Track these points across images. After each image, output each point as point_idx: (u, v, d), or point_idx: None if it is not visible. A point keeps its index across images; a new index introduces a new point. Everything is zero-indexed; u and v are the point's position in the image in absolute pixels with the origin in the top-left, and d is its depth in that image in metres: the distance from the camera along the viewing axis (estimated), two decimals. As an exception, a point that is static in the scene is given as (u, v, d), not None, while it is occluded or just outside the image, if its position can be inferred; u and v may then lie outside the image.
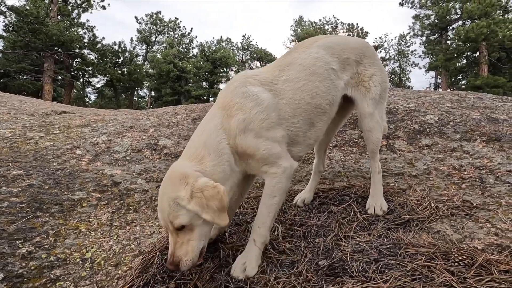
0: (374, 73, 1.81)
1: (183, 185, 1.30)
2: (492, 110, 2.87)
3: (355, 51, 1.80)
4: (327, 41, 1.76)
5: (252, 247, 1.53)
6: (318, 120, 1.67)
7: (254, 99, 1.47)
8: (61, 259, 1.57)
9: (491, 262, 1.33)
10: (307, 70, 1.62)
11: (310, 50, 1.69)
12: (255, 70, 1.67)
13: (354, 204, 2.05)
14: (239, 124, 1.43)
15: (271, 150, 1.47)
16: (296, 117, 1.58)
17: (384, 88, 1.88)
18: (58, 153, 2.52)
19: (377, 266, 1.41)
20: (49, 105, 5.54)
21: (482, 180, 1.98)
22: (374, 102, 1.80)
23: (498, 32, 20.23)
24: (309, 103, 1.60)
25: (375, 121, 1.83)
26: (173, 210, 1.29)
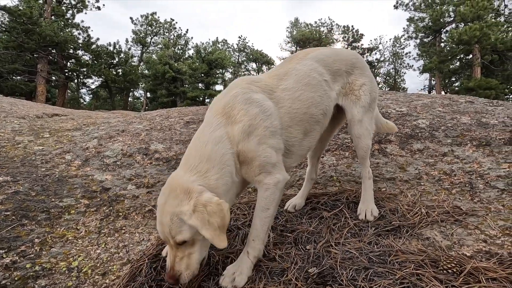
0: (364, 82, 1.87)
1: (186, 200, 1.28)
2: (482, 114, 2.90)
3: (346, 62, 1.86)
4: (319, 53, 1.82)
5: (245, 259, 1.51)
6: (312, 130, 1.71)
7: (258, 106, 1.49)
8: (47, 269, 1.53)
9: (479, 269, 1.33)
10: (302, 80, 1.66)
11: (304, 61, 1.74)
12: (253, 76, 1.69)
13: (345, 210, 2.05)
14: (244, 130, 1.44)
15: (270, 158, 1.48)
16: (293, 126, 1.62)
17: (374, 98, 1.93)
18: (47, 158, 2.48)
19: (367, 274, 1.41)
20: (41, 107, 5.48)
21: (472, 185, 1.99)
22: (363, 110, 1.85)
23: (491, 35, 20.53)
24: (305, 113, 1.64)
25: (364, 128, 1.86)
26: (175, 225, 1.27)
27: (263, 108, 1.50)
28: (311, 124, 1.68)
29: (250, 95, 1.51)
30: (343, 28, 35.82)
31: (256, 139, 1.45)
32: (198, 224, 1.23)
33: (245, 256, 1.51)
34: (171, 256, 1.33)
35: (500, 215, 1.66)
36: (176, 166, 2.58)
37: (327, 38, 34.11)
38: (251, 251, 1.52)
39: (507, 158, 2.17)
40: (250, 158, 1.46)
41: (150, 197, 2.20)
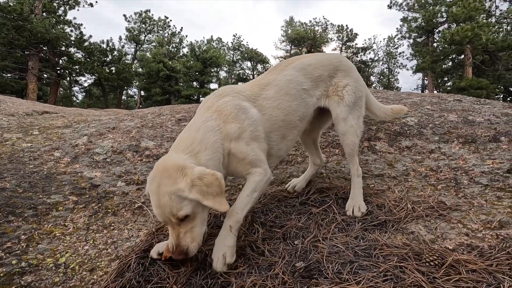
0: (348, 83, 1.98)
1: (181, 177, 1.35)
2: (469, 112, 2.96)
3: (328, 68, 1.99)
4: (300, 62, 1.97)
5: (228, 234, 1.54)
6: (289, 134, 1.89)
7: (245, 112, 1.68)
8: (33, 265, 1.53)
9: (460, 262, 1.36)
10: (282, 91, 1.84)
11: (285, 72, 1.91)
12: (238, 86, 1.85)
13: (334, 206, 2.07)
14: (234, 131, 1.62)
15: (258, 156, 1.67)
16: (273, 132, 1.80)
17: (359, 97, 2.00)
18: (35, 155, 2.45)
19: (352, 267, 1.43)
20: (31, 105, 5.40)
21: (457, 181, 2.04)
22: (348, 108, 1.94)
23: (482, 36, 20.85)
24: (283, 120, 1.83)
25: (349, 125, 1.93)
26: (175, 203, 1.33)
27: (249, 114, 1.68)
28: (289, 130, 1.87)
29: (239, 102, 1.70)
30: (337, 28, 35.99)
31: (244, 141, 1.64)
32: (199, 197, 1.33)
33: (227, 231, 1.54)
34: (174, 234, 1.39)
35: (482, 210, 1.71)
36: (167, 163, 2.58)
37: (322, 37, 34.23)
38: (234, 224, 1.56)
39: (491, 155, 2.22)
40: (241, 158, 1.62)
41: (140, 194, 2.20)
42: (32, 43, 18.33)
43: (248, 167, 1.64)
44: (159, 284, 1.50)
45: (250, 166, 1.64)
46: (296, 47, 36.07)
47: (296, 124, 1.89)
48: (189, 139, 1.52)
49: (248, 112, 1.69)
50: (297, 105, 1.86)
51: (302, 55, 2.11)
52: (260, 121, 1.73)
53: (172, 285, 1.49)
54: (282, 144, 1.86)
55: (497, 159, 2.15)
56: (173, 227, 1.39)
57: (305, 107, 1.91)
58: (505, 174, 1.97)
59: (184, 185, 1.33)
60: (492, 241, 1.47)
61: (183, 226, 1.38)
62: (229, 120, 1.63)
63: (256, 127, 1.69)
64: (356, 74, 2.07)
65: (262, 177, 1.65)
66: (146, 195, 1.49)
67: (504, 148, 2.28)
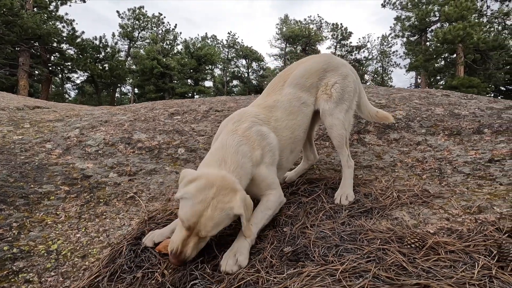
0: (336, 81, 2.06)
1: (234, 197, 1.48)
2: (455, 106, 3.04)
3: (317, 73, 2.09)
4: (293, 77, 2.08)
5: (243, 241, 1.57)
6: (297, 147, 2.06)
7: (266, 138, 1.83)
8: (25, 251, 1.54)
9: (439, 244, 1.42)
10: (286, 111, 1.98)
11: (284, 91, 2.04)
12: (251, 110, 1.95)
13: (323, 195, 2.13)
14: (258, 158, 1.76)
15: (275, 179, 1.84)
16: (284, 150, 1.96)
17: (348, 92, 2.07)
18: (26, 147, 2.45)
19: (337, 251, 1.48)
20: (22, 99, 5.34)
21: (441, 170, 2.11)
22: (335, 104, 2.02)
23: (473, 35, 21.16)
24: (290, 137, 1.98)
25: (335, 117, 2.00)
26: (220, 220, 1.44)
27: (269, 140, 1.84)
28: (296, 143, 2.03)
29: (260, 128, 1.85)
30: (332, 26, 36.13)
31: (265, 166, 1.80)
32: (243, 214, 1.47)
33: (242, 239, 1.57)
34: (184, 240, 1.41)
35: (463, 197, 1.77)
36: (159, 155, 2.60)
37: (316, 35, 34.33)
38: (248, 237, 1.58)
39: (475, 146, 2.30)
40: (261, 180, 1.77)
41: (132, 185, 2.22)
42: (23, 38, 18.02)
43: (265, 188, 1.79)
44: (150, 270, 1.54)
45: (267, 188, 1.80)
46: (291, 45, 36.12)
47: (302, 136, 2.06)
48: (234, 163, 1.64)
49: (268, 137, 1.84)
50: (300, 120, 2.02)
51: (293, 65, 2.20)
52: (277, 145, 1.89)
53: (163, 270, 1.53)
54: (291, 157, 2.04)
55: (480, 149, 2.23)
56: (188, 234, 1.42)
57: (307, 119, 2.07)
58: (486, 164, 2.04)
59: (235, 204, 1.46)
60: (470, 225, 1.53)
61: (196, 239, 1.43)
62: (255, 146, 1.77)
63: (274, 152, 1.86)
64: (345, 71, 2.12)
65: (277, 198, 1.80)
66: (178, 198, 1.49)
67: (487, 139, 2.36)
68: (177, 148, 2.69)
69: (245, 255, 1.51)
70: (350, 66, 2.22)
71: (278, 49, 37.47)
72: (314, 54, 2.43)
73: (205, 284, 1.35)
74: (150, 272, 1.53)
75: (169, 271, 1.51)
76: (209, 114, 3.52)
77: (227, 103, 3.94)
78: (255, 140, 1.79)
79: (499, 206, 1.60)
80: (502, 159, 2.04)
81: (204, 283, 1.36)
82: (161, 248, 1.61)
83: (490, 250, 1.34)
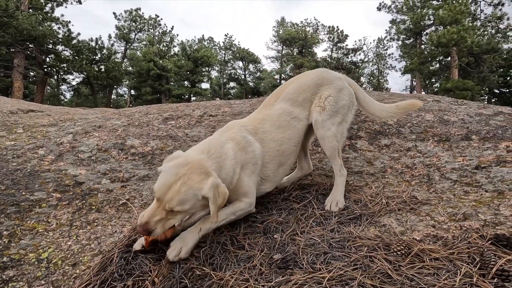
0: (330, 94, 2.10)
1: (205, 179, 1.54)
2: (445, 112, 3.09)
3: (310, 88, 2.14)
4: (287, 92, 2.15)
5: (195, 234, 1.65)
6: (286, 160, 2.08)
7: (251, 145, 1.90)
8: (15, 260, 1.55)
9: (425, 251, 1.45)
10: (274, 124, 2.04)
11: (275, 106, 2.11)
12: (241, 120, 2.08)
13: (314, 201, 2.15)
14: (242, 160, 1.83)
15: (252, 189, 1.89)
16: (270, 162, 1.99)
17: (342, 105, 2.10)
18: (18, 153, 2.45)
19: (325, 258, 1.51)
20: (16, 103, 5.32)
21: (429, 177, 2.14)
22: (328, 116, 2.05)
23: (467, 38, 21.43)
24: (278, 150, 2.01)
25: (327, 129, 2.04)
26: (187, 196, 1.49)
27: (254, 147, 1.90)
28: (285, 157, 2.05)
29: (245, 135, 1.92)
30: (328, 29, 36.35)
31: (246, 173, 1.85)
32: (211, 197, 1.50)
33: (195, 231, 1.65)
34: (151, 211, 1.49)
35: (450, 203, 1.81)
36: (152, 161, 2.62)
37: (313, 38, 34.52)
38: (204, 229, 1.67)
39: (463, 152, 2.35)
40: (239, 186, 1.81)
41: (124, 191, 2.23)
42: (18, 40, 17.89)
43: (240, 195, 1.84)
44: (140, 277, 1.55)
45: (242, 195, 1.84)
46: (287, 48, 36.27)
47: (292, 150, 2.08)
48: (217, 153, 1.72)
49: (253, 145, 1.90)
50: (290, 134, 2.06)
51: (288, 82, 2.27)
52: (261, 155, 1.93)
53: (154, 277, 1.54)
54: (279, 171, 2.06)
55: (467, 156, 2.27)
56: (157, 206, 1.49)
57: (298, 133, 2.10)
58: (473, 170, 2.08)
59: (206, 186, 1.51)
60: (455, 232, 1.57)
61: (166, 213, 1.49)
62: (240, 147, 1.84)
63: (257, 161, 1.90)
64: (341, 84, 2.15)
65: (247, 207, 1.85)
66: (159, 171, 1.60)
67: (475, 146, 2.40)
68: (170, 154, 2.71)
69: (188, 248, 1.59)
70: (347, 80, 2.24)
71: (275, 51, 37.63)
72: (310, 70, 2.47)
73: (194, 292, 1.37)
74: (141, 280, 1.54)
75: (160, 278, 1.52)
76: (203, 119, 3.54)
77: (222, 108, 3.96)
78: (240, 141, 1.86)
79: (484, 213, 1.64)
80: (488, 165, 2.08)
81: (194, 291, 1.38)
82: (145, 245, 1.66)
83: (473, 257, 1.37)
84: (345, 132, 2.17)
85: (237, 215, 1.82)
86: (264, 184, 2.02)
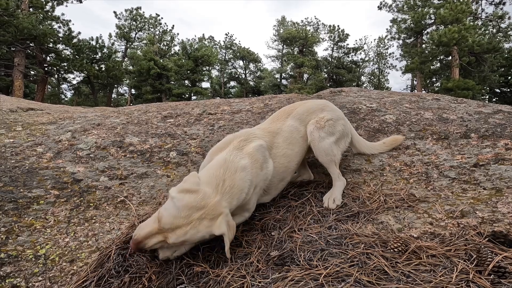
0: (331, 118, 2.22)
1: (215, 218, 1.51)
2: (444, 110, 3.08)
3: (315, 112, 2.27)
4: (297, 112, 2.26)
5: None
6: (287, 176, 2.13)
7: (267, 163, 1.92)
8: (12, 256, 1.55)
9: (422, 248, 1.45)
10: (287, 140, 2.10)
11: (287, 122, 2.19)
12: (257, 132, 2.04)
13: (312, 199, 2.15)
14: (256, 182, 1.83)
15: (255, 203, 1.90)
16: (275, 177, 2.01)
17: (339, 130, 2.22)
18: (17, 151, 2.45)
19: (322, 255, 1.51)
20: (15, 101, 5.32)
21: (428, 175, 2.14)
22: (325, 134, 2.15)
23: (468, 38, 21.36)
24: (286, 166, 2.06)
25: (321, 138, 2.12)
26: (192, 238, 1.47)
27: (268, 164, 1.93)
28: (287, 173, 2.11)
29: (265, 152, 1.94)
30: (329, 28, 36.29)
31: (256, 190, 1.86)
32: (226, 231, 1.49)
33: None
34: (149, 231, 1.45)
35: (448, 201, 1.81)
36: (151, 158, 2.62)
37: (313, 37, 34.46)
38: None
39: (461, 150, 2.34)
40: (246, 203, 1.79)
41: (122, 188, 2.23)
42: (18, 39, 17.90)
43: (244, 211, 1.84)
44: (137, 274, 1.55)
45: (246, 211, 1.85)
46: (288, 47, 36.22)
47: (294, 168, 2.15)
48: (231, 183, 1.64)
49: (268, 162, 1.94)
50: (297, 151, 2.13)
51: (296, 104, 2.39)
52: (271, 171, 1.95)
53: (151, 274, 1.55)
54: (280, 185, 2.12)
55: (466, 154, 2.27)
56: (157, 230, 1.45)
57: (302, 152, 2.18)
58: (471, 168, 2.08)
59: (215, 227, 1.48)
60: (453, 229, 1.56)
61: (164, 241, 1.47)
62: (257, 166, 1.83)
63: (267, 177, 1.93)
64: (341, 115, 2.34)
65: (243, 221, 1.86)
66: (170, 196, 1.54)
67: (473, 144, 2.40)
68: (169, 152, 2.70)
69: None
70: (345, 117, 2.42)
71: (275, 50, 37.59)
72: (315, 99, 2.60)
73: (191, 289, 1.37)
74: (138, 276, 1.54)
75: (156, 275, 1.53)
76: (202, 117, 3.54)
77: (221, 106, 3.96)
78: (259, 161, 1.85)
79: (481, 211, 1.64)
80: (486, 163, 2.08)
81: (191, 287, 1.38)
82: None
83: (470, 254, 1.37)
84: (339, 153, 2.23)
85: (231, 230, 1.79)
86: (265, 195, 2.05)
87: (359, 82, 38.95)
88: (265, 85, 36.30)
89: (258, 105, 3.90)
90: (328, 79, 36.26)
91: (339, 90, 4.46)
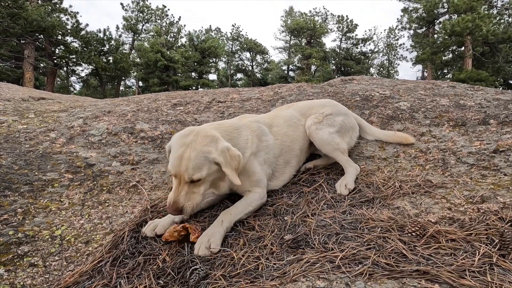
0: (332, 113, 2.29)
1: (213, 143, 1.59)
2: (461, 97, 2.98)
3: (316, 108, 2.36)
4: (297, 106, 2.42)
5: (219, 227, 1.60)
6: (292, 160, 2.18)
7: (265, 135, 2.03)
8: (30, 236, 1.57)
9: (441, 232, 1.42)
10: (287, 122, 2.22)
11: (287, 111, 2.34)
12: (256, 115, 2.22)
13: (324, 185, 2.12)
14: (255, 147, 1.91)
15: (263, 178, 1.91)
16: (280, 156, 2.10)
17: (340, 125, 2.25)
18: (30, 136, 2.48)
19: (337, 239, 1.49)
20: (27, 91, 5.39)
21: (445, 161, 2.08)
22: (323, 126, 2.20)
23: (483, 27, 20.66)
24: (289, 146, 2.15)
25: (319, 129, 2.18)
26: (198, 161, 1.52)
27: (268, 137, 2.03)
28: (292, 156, 2.17)
29: (262, 126, 2.06)
30: (337, 18, 35.54)
31: (258, 161, 1.91)
32: (222, 161, 1.54)
33: (218, 224, 1.61)
34: (176, 190, 1.52)
35: (466, 187, 1.76)
36: (162, 144, 2.62)
37: (322, 28, 33.84)
38: (226, 222, 1.64)
39: (480, 137, 2.27)
40: (251, 172, 1.84)
41: (134, 173, 2.24)
42: (28, 31, 18.03)
43: (253, 184, 1.85)
44: (151, 256, 1.56)
45: (254, 185, 1.85)
46: (295, 38, 35.68)
47: (297, 153, 2.20)
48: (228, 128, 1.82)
49: (267, 135, 2.04)
50: (297, 135, 2.22)
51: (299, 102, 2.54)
52: (273, 146, 2.04)
53: (165, 256, 1.55)
54: (286, 169, 2.15)
55: (485, 140, 2.20)
56: (178, 183, 1.52)
57: (303, 137, 2.25)
58: (491, 154, 2.01)
59: (214, 149, 1.55)
60: (473, 214, 1.52)
61: (188, 186, 1.53)
62: (255, 135, 1.94)
63: (268, 151, 2.00)
64: (344, 111, 2.39)
65: (260, 198, 1.85)
66: (167, 148, 1.66)
67: (493, 130, 2.32)
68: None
69: (217, 241, 1.54)
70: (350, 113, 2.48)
71: (283, 41, 37.08)
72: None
73: (205, 270, 1.37)
74: (152, 258, 1.55)
75: (170, 257, 1.53)
76: (211, 105, 3.51)
77: (230, 95, 3.92)
78: (255, 130, 1.96)
79: (503, 196, 1.59)
80: (507, 149, 2.01)
81: (205, 268, 1.38)
82: (168, 237, 1.62)
83: (492, 238, 1.33)
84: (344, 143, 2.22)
85: (253, 205, 1.81)
86: (273, 180, 2.07)
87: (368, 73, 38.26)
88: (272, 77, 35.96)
89: (267, 93, 3.86)
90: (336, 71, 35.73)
91: (350, 78, 4.37)
